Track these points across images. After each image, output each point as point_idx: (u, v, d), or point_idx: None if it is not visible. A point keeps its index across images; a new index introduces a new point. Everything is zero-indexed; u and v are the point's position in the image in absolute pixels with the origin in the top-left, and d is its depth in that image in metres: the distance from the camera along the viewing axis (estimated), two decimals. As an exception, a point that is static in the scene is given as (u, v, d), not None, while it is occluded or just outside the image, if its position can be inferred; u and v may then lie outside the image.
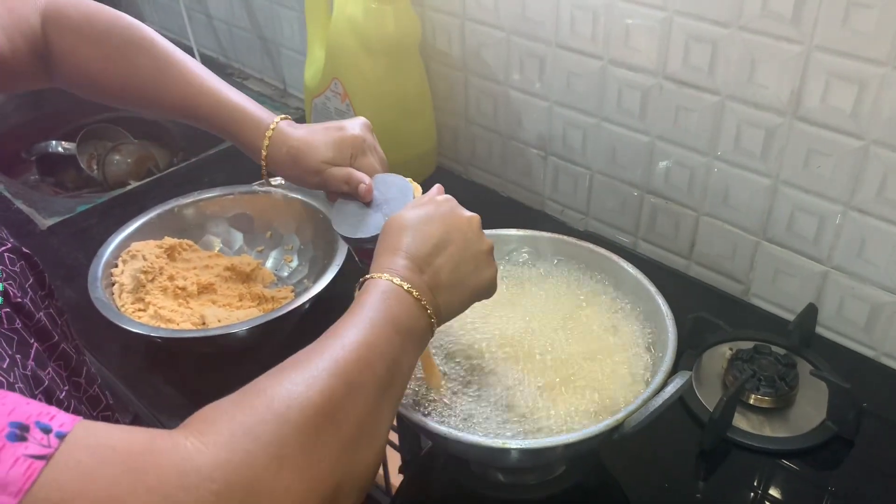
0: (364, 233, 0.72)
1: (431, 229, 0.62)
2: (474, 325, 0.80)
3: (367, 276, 0.59)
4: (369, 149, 0.77)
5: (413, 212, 0.64)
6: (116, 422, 0.70)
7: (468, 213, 0.65)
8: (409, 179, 0.75)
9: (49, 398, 0.59)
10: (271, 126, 0.76)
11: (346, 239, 0.74)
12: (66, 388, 0.64)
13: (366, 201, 0.74)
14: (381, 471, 0.84)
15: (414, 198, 0.72)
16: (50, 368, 0.61)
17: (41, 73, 0.76)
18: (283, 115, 0.78)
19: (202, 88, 0.76)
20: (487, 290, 0.66)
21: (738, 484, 0.80)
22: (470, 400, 0.73)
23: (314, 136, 0.76)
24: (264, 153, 0.76)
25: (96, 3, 0.77)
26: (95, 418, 0.68)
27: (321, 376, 0.48)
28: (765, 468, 0.81)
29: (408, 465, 0.85)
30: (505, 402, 0.72)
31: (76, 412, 0.54)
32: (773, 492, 0.80)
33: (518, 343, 0.78)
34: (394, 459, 0.85)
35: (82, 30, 0.74)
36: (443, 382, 0.74)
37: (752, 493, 0.79)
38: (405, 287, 0.58)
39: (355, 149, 0.76)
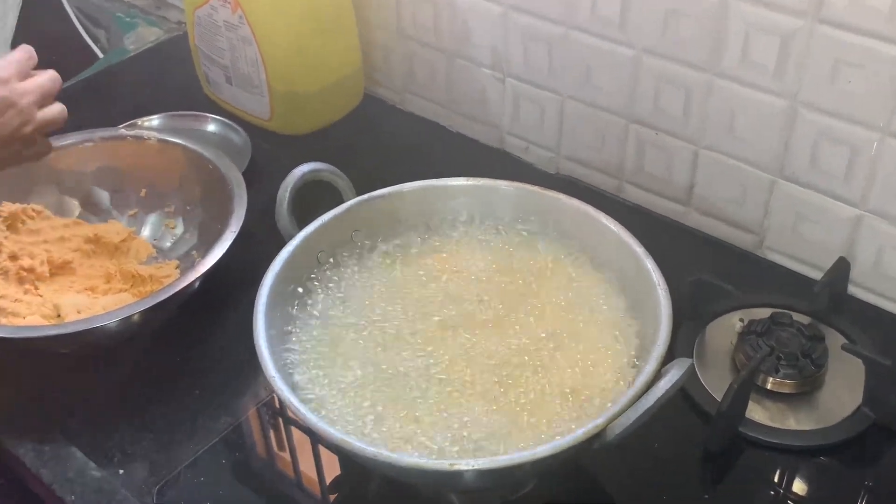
0: None
1: None
2: (408, 305, 0.81)
3: None
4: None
5: None
6: None
7: None
8: None
9: None
10: None
11: None
12: None
13: None
14: (317, 486, 0.85)
15: None
16: None
17: None
18: None
19: None
20: None
21: (754, 490, 0.81)
22: (407, 400, 0.73)
23: None
24: None
25: None
26: None
27: None
28: (787, 469, 0.82)
29: (339, 484, 0.85)
30: (451, 404, 0.72)
31: None
32: (798, 499, 0.80)
33: (466, 326, 0.79)
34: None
35: None
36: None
37: (771, 502, 0.80)
38: None
39: None
